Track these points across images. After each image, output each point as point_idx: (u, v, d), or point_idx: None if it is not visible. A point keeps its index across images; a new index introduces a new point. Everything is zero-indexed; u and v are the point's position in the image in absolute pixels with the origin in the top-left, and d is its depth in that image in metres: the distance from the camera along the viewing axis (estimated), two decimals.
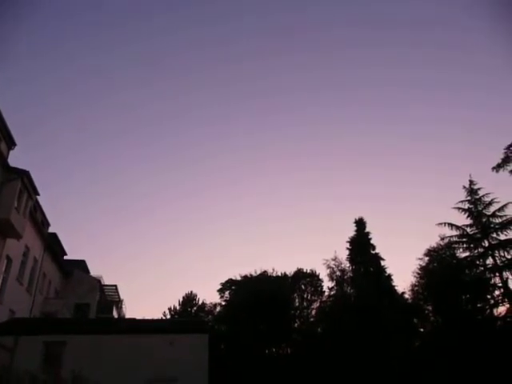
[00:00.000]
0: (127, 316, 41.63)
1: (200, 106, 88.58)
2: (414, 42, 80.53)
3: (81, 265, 36.35)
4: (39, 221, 27.88)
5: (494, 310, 26.24)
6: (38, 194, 26.38)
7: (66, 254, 34.72)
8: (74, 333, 19.08)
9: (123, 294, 45.47)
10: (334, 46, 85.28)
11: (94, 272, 37.90)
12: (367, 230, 32.29)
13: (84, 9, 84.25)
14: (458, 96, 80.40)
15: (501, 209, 27.40)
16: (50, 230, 31.53)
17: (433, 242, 32.16)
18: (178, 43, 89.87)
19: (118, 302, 40.88)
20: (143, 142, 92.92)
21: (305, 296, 37.12)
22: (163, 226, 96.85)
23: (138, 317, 34.42)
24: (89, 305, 31.83)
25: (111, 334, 19.59)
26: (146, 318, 29.15)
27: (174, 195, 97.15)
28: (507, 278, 25.43)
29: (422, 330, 30.68)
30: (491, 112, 78.78)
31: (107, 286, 39.41)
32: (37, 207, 27.79)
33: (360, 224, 32.55)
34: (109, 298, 39.97)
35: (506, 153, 25.63)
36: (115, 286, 40.43)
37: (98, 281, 35.37)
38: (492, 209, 27.81)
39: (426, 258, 31.04)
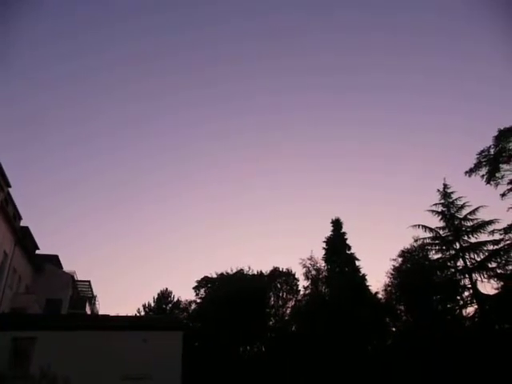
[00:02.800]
0: (100, 312, 40.98)
1: (177, 108, 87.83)
2: (392, 47, 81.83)
3: (53, 260, 35.55)
4: (10, 214, 27.15)
5: (463, 311, 27.02)
6: (10, 186, 25.70)
7: (38, 249, 33.92)
8: (44, 329, 18.68)
9: (97, 290, 44.80)
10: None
11: (67, 267, 37.14)
12: (343, 230, 32.70)
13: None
14: (435, 100, 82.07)
15: (472, 212, 28.14)
16: (22, 223, 30.74)
17: (407, 243, 32.73)
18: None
19: (92, 298, 40.21)
20: (129, 142, 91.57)
21: (280, 294, 37.30)
22: (139, 222, 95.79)
23: (112, 313, 33.93)
24: (61, 300, 31.16)
25: (83, 331, 19.27)
26: (120, 314, 28.81)
27: (150, 192, 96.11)
28: (476, 280, 26.17)
29: (394, 329, 31.23)
30: (467, 116, 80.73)
31: (80, 281, 38.69)
32: (8, 200, 27.06)
33: (336, 224, 32.89)
34: (82, 293, 39.26)
35: (478, 158, 26.44)
36: (88, 281, 39.75)
37: (70, 276, 34.68)
38: (464, 212, 28.55)
39: (400, 259, 31.63)
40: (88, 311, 36.52)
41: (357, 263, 31.20)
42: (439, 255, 28.78)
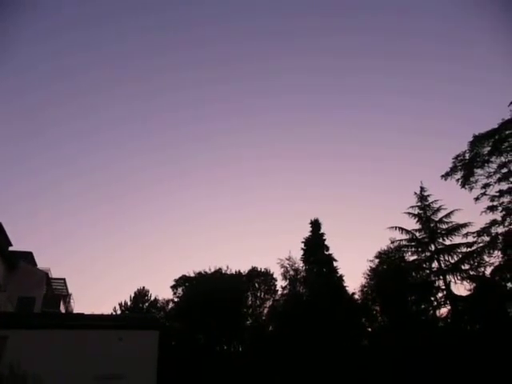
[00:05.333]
0: (75, 311, 40.25)
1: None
2: (372, 49, 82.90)
3: (27, 257, 34.68)
4: None
5: (437, 312, 27.65)
6: None
7: (11, 245, 33.06)
8: (16, 327, 18.24)
9: (72, 288, 43.98)
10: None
11: (41, 265, 36.34)
12: (322, 231, 32.95)
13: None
14: (414, 101, 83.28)
15: (447, 215, 28.86)
16: None
17: (384, 244, 33.26)
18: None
19: (66, 296, 39.46)
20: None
21: (258, 294, 37.38)
22: (116, 221, 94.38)
23: (87, 312, 33.43)
24: (34, 298, 30.46)
25: (56, 329, 18.90)
26: (96, 313, 28.39)
27: (128, 192, 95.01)
28: (450, 281, 26.83)
29: (369, 329, 31.65)
30: (446, 119, 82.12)
31: (55, 279, 37.91)
32: None
33: (315, 225, 33.11)
34: (56, 291, 38.47)
35: (454, 162, 27.07)
36: (64, 279, 38.98)
37: (45, 274, 33.93)
38: (440, 215, 29.25)
39: (377, 260, 32.08)
40: (62, 310, 35.85)
41: (334, 264, 31.50)
42: (415, 257, 29.43)
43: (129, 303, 40.38)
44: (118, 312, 39.41)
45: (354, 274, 59.12)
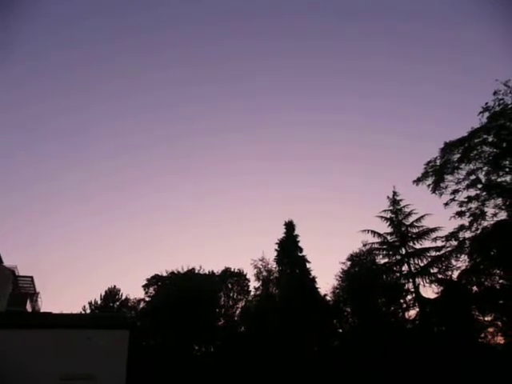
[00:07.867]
0: (43, 310, 39.21)
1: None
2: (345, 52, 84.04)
3: None
4: None
5: (406, 313, 28.28)
6: None
7: None
8: None
9: (40, 287, 42.71)
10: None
11: (7, 262, 35.19)
12: (296, 232, 33.14)
13: None
14: (393, 105, 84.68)
15: (418, 220, 29.53)
16: None
17: (356, 247, 33.73)
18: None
19: (34, 295, 38.35)
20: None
21: (231, 295, 37.35)
22: (88, 219, 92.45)
23: (56, 311, 32.62)
24: None
25: (21, 329, 18.37)
26: (64, 312, 27.77)
27: (101, 189, 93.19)
28: (419, 284, 27.47)
29: (340, 330, 32.03)
30: (424, 122, 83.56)
31: (22, 277, 36.77)
32: None
33: (289, 226, 33.25)
34: (23, 290, 37.32)
35: (425, 168, 27.64)
36: (31, 277, 37.85)
37: (11, 271, 32.89)
38: (411, 219, 29.89)
39: (349, 263, 32.50)
40: (29, 309, 34.86)
41: (307, 265, 31.69)
42: (386, 260, 29.95)
43: (99, 302, 39.66)
44: (88, 311, 38.65)
45: (326, 276, 59.65)
